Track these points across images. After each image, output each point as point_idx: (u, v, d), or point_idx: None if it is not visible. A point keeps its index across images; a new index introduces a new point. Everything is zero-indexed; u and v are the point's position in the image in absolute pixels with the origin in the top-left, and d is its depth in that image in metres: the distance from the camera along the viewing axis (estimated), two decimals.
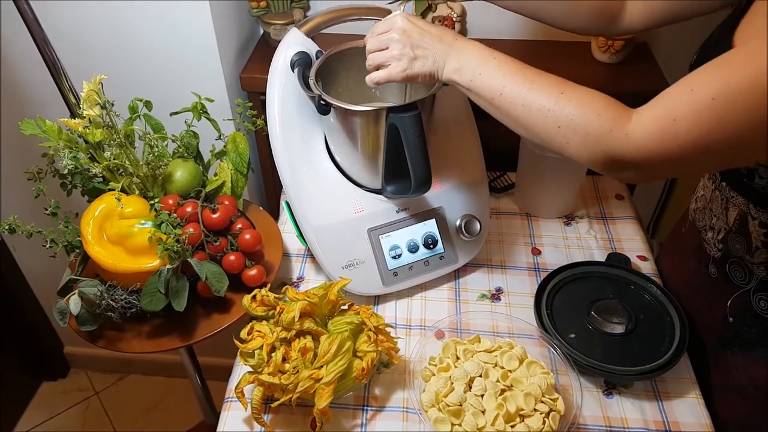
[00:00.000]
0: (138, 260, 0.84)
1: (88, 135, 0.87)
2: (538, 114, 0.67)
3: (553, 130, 0.67)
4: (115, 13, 1.12)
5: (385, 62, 0.74)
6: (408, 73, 0.73)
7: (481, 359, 0.79)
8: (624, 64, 1.23)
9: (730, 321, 0.80)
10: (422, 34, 0.73)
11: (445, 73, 0.73)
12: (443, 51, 0.72)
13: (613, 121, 0.63)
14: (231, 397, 0.82)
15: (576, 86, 0.67)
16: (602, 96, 0.66)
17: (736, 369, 0.80)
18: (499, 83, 0.69)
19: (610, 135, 0.63)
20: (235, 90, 1.25)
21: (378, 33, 0.75)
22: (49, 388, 1.89)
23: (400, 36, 0.72)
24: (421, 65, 0.73)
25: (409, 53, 0.72)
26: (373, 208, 0.92)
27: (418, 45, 0.72)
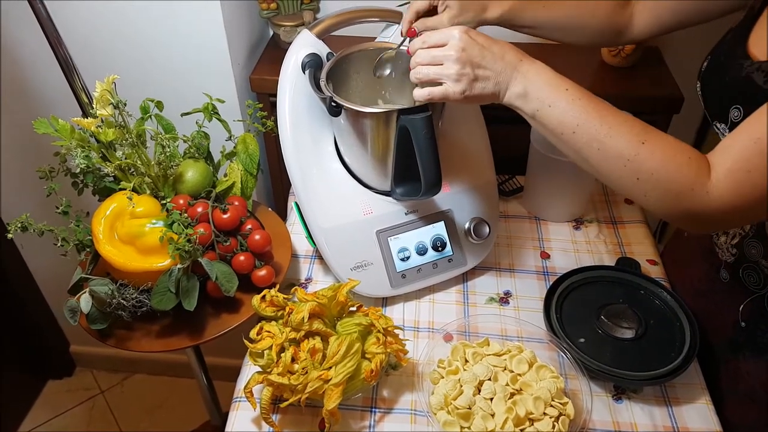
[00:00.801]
0: (149, 259, 0.84)
1: (101, 134, 0.88)
2: (615, 162, 0.63)
3: (630, 181, 0.64)
4: (127, 15, 1.13)
5: (438, 79, 0.68)
6: (467, 95, 0.67)
7: (491, 362, 0.79)
8: (634, 68, 1.23)
9: (743, 326, 0.80)
10: (483, 52, 0.67)
11: (507, 97, 0.68)
12: (506, 72, 0.67)
13: (694, 179, 0.61)
14: (240, 397, 0.82)
15: (657, 134, 0.64)
16: (684, 148, 0.63)
17: (748, 374, 0.80)
18: (573, 120, 0.64)
19: (692, 193, 0.62)
20: (245, 91, 1.26)
21: (431, 44, 0.69)
22: (55, 386, 1.89)
23: (459, 54, 0.66)
24: (482, 87, 0.67)
25: (469, 74, 0.67)
26: (382, 210, 0.92)
27: (479, 65, 0.67)
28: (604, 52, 1.25)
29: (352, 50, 0.89)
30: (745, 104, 0.68)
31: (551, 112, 0.66)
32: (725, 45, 0.76)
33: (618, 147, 0.63)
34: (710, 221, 0.64)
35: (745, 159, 0.60)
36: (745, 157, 0.60)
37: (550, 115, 0.66)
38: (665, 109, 1.18)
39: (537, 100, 0.67)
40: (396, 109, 0.79)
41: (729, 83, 0.72)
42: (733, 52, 0.73)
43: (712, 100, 0.76)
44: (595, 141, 0.64)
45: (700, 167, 0.62)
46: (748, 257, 0.78)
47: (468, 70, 0.67)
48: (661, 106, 1.18)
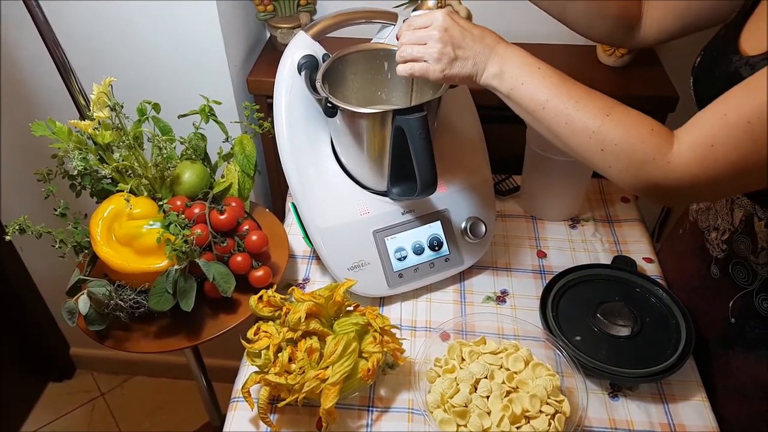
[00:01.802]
0: (146, 260, 0.85)
1: (98, 137, 0.88)
2: (581, 134, 0.66)
3: (596, 153, 0.66)
4: (124, 17, 1.14)
5: (420, 57, 0.71)
6: (446, 74, 0.70)
7: (487, 361, 0.80)
8: (629, 67, 1.24)
9: (732, 321, 0.80)
10: (464, 33, 0.70)
11: (484, 77, 0.71)
12: (484, 53, 0.70)
13: (656, 149, 0.63)
14: (237, 397, 0.83)
15: (622, 108, 0.66)
16: (647, 121, 0.65)
17: (738, 369, 0.80)
18: (543, 96, 0.67)
19: (653, 163, 0.63)
20: (242, 93, 1.26)
21: (416, 27, 0.72)
22: (55, 389, 1.89)
23: (441, 34, 0.69)
24: (460, 67, 0.70)
25: (450, 53, 0.70)
26: (378, 210, 0.92)
27: (459, 45, 0.70)
28: (599, 52, 1.25)
29: (348, 51, 0.90)
30: None
31: (524, 89, 0.68)
32: (718, 41, 0.77)
33: (584, 120, 0.65)
34: (672, 193, 0.64)
35: (710, 134, 0.60)
36: (711, 132, 0.60)
37: (523, 92, 0.68)
38: (661, 109, 1.18)
39: (511, 79, 0.69)
40: (391, 110, 0.80)
41: (719, 78, 0.72)
42: (724, 48, 0.73)
43: (702, 95, 0.76)
44: (563, 115, 0.66)
45: (662, 138, 0.63)
46: (737, 253, 0.78)
47: (449, 50, 0.70)
48: (656, 106, 1.18)
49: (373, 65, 0.92)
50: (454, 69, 0.70)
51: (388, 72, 0.92)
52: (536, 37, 1.30)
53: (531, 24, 1.29)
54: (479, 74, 0.71)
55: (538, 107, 0.67)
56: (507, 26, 1.29)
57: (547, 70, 0.69)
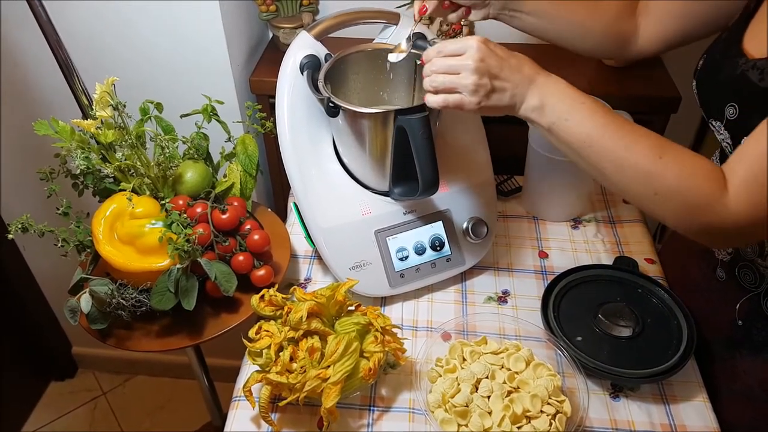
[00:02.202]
0: (148, 259, 0.85)
1: (100, 136, 0.88)
2: (632, 177, 0.63)
3: (648, 195, 0.63)
4: (127, 17, 1.14)
5: (454, 88, 0.68)
6: (483, 106, 0.67)
7: (488, 361, 0.80)
8: (631, 68, 1.24)
9: (739, 324, 0.80)
10: (501, 63, 0.66)
11: (522, 110, 0.67)
12: (523, 84, 0.67)
13: (711, 192, 0.61)
14: (239, 396, 0.83)
15: (674, 148, 0.63)
16: (701, 163, 0.63)
17: (745, 372, 0.80)
18: (589, 134, 0.64)
19: (708, 208, 0.61)
20: (245, 93, 1.27)
21: (447, 53, 0.68)
22: (57, 388, 1.90)
23: (477, 64, 0.65)
24: (498, 99, 0.67)
25: (486, 84, 0.66)
26: (380, 210, 0.92)
27: (497, 76, 0.66)
28: None
29: (350, 51, 0.90)
30: (741, 102, 0.69)
31: (567, 125, 0.65)
32: (720, 43, 0.76)
33: (635, 162, 0.63)
34: (729, 235, 0.63)
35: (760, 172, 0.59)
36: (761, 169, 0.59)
37: (566, 128, 0.65)
38: (663, 109, 1.18)
39: (553, 114, 0.66)
40: (393, 110, 0.80)
41: (724, 81, 0.72)
42: (728, 50, 0.73)
43: (707, 98, 0.76)
44: (611, 155, 0.63)
45: (717, 181, 0.61)
46: (744, 256, 0.78)
47: (485, 81, 0.66)
48: (658, 106, 1.18)
49: (375, 65, 0.92)
50: (492, 101, 0.67)
51: (390, 72, 0.92)
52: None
53: None
54: (517, 106, 0.68)
55: (584, 145, 0.64)
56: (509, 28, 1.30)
57: (592, 105, 0.65)
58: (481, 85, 0.66)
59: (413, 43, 0.91)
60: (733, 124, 0.70)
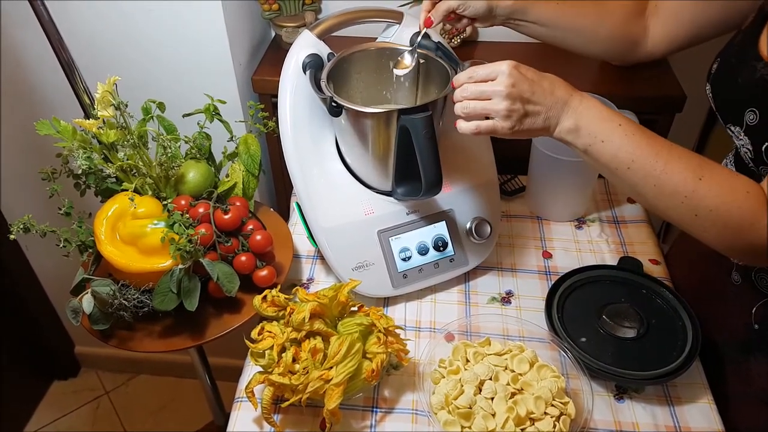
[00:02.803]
0: (150, 260, 0.85)
1: (102, 136, 0.88)
2: (672, 198, 0.63)
3: (688, 217, 0.63)
4: (129, 16, 1.14)
5: (486, 113, 0.68)
6: (516, 130, 0.67)
7: (492, 362, 0.79)
8: (636, 67, 1.22)
9: (756, 328, 0.79)
10: (533, 87, 0.66)
11: (558, 132, 0.67)
12: (557, 107, 0.66)
13: (753, 213, 0.60)
14: (241, 397, 0.82)
15: (713, 169, 0.62)
16: (741, 182, 0.62)
17: (759, 375, 0.79)
18: (626, 156, 0.63)
19: (751, 228, 0.61)
20: (247, 92, 1.26)
21: (479, 79, 0.68)
22: (60, 387, 1.90)
23: (509, 90, 0.65)
24: (531, 122, 0.67)
25: (519, 109, 0.66)
26: (383, 210, 0.92)
27: (529, 100, 0.66)
28: None
29: (352, 50, 0.89)
30: (761, 106, 0.67)
31: (604, 147, 0.65)
32: (735, 47, 0.75)
33: (674, 183, 0.62)
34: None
35: None
36: None
37: (603, 150, 0.65)
38: (667, 109, 1.17)
39: (589, 136, 0.66)
40: (396, 110, 0.80)
41: (742, 86, 0.70)
42: (744, 54, 0.72)
43: (724, 103, 0.74)
44: (650, 177, 0.63)
45: (758, 200, 0.61)
46: None
47: (518, 106, 0.66)
48: (663, 106, 1.17)
49: (378, 64, 0.92)
50: (525, 126, 0.67)
51: (393, 71, 0.92)
52: None
53: None
54: (552, 129, 0.68)
55: (622, 167, 0.64)
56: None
57: (629, 127, 0.65)
58: (514, 110, 0.66)
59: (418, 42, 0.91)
60: (754, 129, 0.68)
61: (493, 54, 1.28)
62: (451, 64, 0.84)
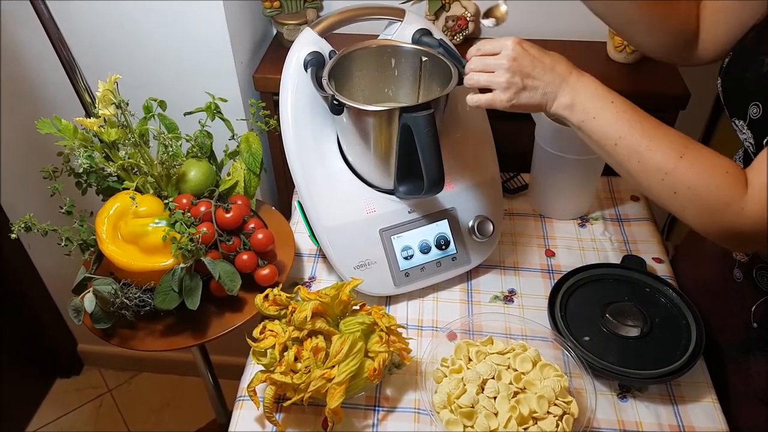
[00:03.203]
0: (152, 259, 0.85)
1: (103, 134, 0.88)
2: (654, 174, 0.64)
3: (668, 195, 0.64)
4: (129, 14, 1.13)
5: (488, 86, 0.71)
6: (513, 103, 0.70)
7: (494, 361, 0.79)
8: (640, 64, 1.22)
9: (754, 327, 0.79)
10: (534, 62, 0.69)
11: (554, 107, 0.69)
12: (555, 83, 0.69)
13: (730, 194, 0.61)
14: (243, 396, 0.82)
15: (696, 148, 0.64)
16: (721, 163, 0.63)
17: (758, 375, 0.79)
18: (615, 132, 0.65)
19: (728, 209, 0.61)
20: (248, 90, 1.26)
21: (484, 53, 0.71)
22: (63, 385, 1.90)
23: (510, 63, 0.68)
24: (528, 96, 0.69)
25: (518, 83, 0.69)
26: (385, 209, 0.91)
27: (529, 74, 0.68)
28: (609, 48, 1.24)
29: (354, 48, 0.89)
30: (765, 100, 0.67)
31: (595, 123, 0.66)
32: (748, 42, 0.74)
33: (657, 160, 0.63)
34: (748, 239, 0.62)
35: None
36: None
37: (594, 126, 0.66)
38: (671, 106, 1.17)
39: (583, 112, 0.67)
40: (398, 107, 0.79)
41: (749, 80, 0.70)
42: (755, 49, 0.71)
43: (732, 96, 0.74)
44: (635, 153, 0.64)
45: (737, 182, 0.61)
46: (762, 257, 0.77)
47: (517, 80, 0.68)
48: (667, 103, 1.17)
49: (380, 62, 0.91)
50: (522, 99, 0.69)
51: (395, 69, 0.92)
52: (546, 33, 1.29)
53: (541, 20, 1.28)
54: (549, 104, 0.70)
55: (610, 143, 0.66)
56: (516, 22, 1.29)
57: (621, 105, 0.66)
58: (513, 83, 0.68)
59: (419, 39, 0.91)
60: (757, 123, 0.69)
61: None
62: (454, 62, 0.84)
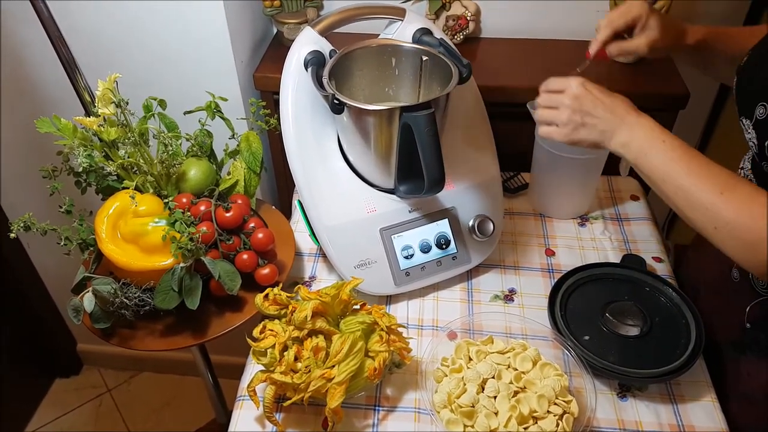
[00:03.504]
0: (152, 258, 0.84)
1: (103, 133, 0.88)
2: (698, 209, 0.66)
3: (710, 228, 0.66)
4: (129, 13, 1.13)
5: (552, 121, 0.76)
6: (571, 138, 0.75)
7: (494, 360, 0.79)
8: (640, 64, 1.22)
9: (748, 327, 0.79)
10: (595, 102, 0.73)
11: (612, 145, 0.73)
12: (614, 123, 0.72)
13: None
14: (243, 396, 0.82)
15: (737, 184, 0.66)
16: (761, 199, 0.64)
17: (749, 375, 0.79)
18: (663, 170, 0.69)
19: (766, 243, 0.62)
20: (249, 89, 1.26)
21: (551, 90, 0.76)
22: (62, 385, 1.90)
23: (571, 102, 0.74)
24: (586, 133, 0.74)
25: (577, 120, 0.74)
26: (385, 208, 0.91)
27: (588, 113, 0.73)
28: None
29: (355, 47, 0.89)
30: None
31: (646, 160, 0.70)
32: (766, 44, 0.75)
33: (698, 197, 0.66)
34: None
35: None
36: None
37: (645, 163, 0.70)
38: (671, 106, 1.17)
39: (636, 149, 0.71)
40: (398, 107, 0.79)
41: (759, 80, 0.71)
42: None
43: (743, 95, 0.75)
44: (681, 189, 0.68)
45: None
46: None
47: (576, 117, 0.74)
48: (667, 103, 1.17)
49: (380, 61, 0.91)
50: (580, 135, 0.74)
51: (395, 68, 0.92)
52: (545, 32, 1.29)
53: (540, 20, 1.28)
54: (607, 141, 0.73)
55: (659, 179, 0.69)
56: (517, 22, 1.29)
57: (671, 143, 0.69)
58: (572, 120, 0.74)
59: (419, 39, 0.90)
60: (761, 123, 0.69)
61: (496, 49, 1.27)
62: (454, 61, 0.84)
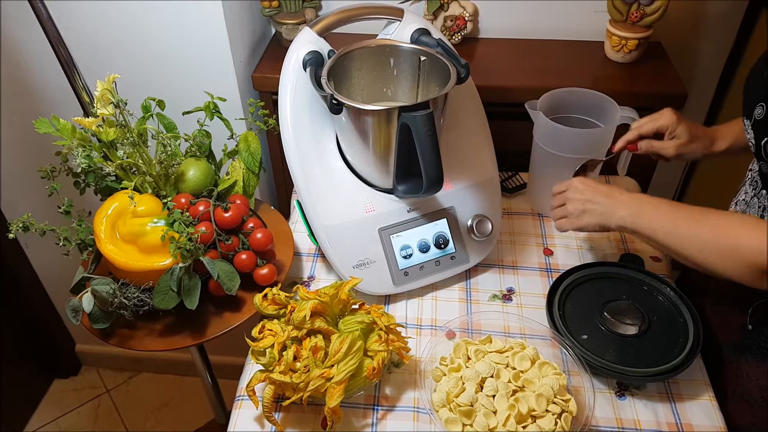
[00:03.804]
0: (150, 258, 0.85)
1: (102, 134, 0.88)
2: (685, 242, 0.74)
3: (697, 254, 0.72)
4: (128, 13, 1.13)
5: (562, 216, 0.87)
6: (576, 225, 0.85)
7: (493, 360, 0.79)
8: (638, 63, 1.23)
9: (749, 328, 0.79)
10: (594, 192, 0.84)
11: (613, 222, 0.81)
12: (611, 204, 0.82)
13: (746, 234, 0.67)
14: (242, 396, 0.82)
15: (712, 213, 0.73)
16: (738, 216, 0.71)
17: (747, 376, 0.80)
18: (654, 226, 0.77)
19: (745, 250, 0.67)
20: (247, 89, 1.26)
21: (557, 192, 0.89)
22: (61, 385, 1.90)
23: (574, 194, 0.86)
24: (589, 217, 0.83)
25: (579, 208, 0.84)
26: (384, 208, 0.92)
27: (588, 200, 0.84)
28: (607, 48, 1.24)
29: (353, 48, 0.89)
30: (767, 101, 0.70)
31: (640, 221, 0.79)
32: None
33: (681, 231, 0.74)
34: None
35: None
36: None
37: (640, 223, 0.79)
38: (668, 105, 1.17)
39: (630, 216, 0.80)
40: (397, 107, 0.79)
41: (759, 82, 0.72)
42: None
43: (747, 97, 0.77)
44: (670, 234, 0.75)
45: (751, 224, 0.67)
46: None
47: (579, 206, 0.85)
48: (664, 102, 1.16)
49: (378, 62, 0.91)
50: (584, 220, 0.84)
51: (393, 68, 0.92)
52: (544, 33, 1.29)
53: (538, 20, 1.28)
54: (609, 222, 0.82)
55: (652, 234, 0.77)
56: (515, 22, 1.29)
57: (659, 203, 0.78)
58: (576, 208, 0.85)
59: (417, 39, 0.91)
60: (759, 123, 0.71)
61: (494, 49, 1.27)
62: (452, 61, 0.84)
